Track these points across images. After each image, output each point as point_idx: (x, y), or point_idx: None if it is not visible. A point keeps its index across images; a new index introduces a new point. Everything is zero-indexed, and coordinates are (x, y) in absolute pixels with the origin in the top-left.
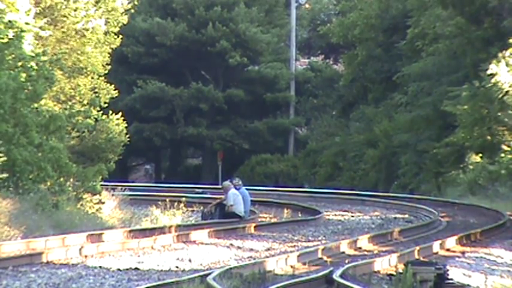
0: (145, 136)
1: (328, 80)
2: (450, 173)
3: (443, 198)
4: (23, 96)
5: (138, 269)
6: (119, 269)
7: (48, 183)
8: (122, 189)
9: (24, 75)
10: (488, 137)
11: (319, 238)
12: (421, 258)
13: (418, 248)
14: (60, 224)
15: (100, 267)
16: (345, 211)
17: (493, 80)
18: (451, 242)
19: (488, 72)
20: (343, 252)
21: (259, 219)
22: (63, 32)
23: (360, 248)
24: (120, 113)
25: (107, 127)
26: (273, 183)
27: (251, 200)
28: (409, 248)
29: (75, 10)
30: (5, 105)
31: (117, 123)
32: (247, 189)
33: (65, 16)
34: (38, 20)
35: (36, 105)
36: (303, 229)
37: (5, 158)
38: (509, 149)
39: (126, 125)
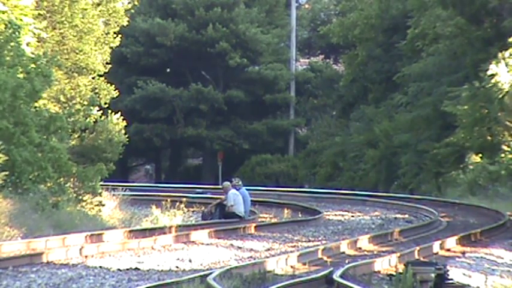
0: (145, 137)
1: (328, 80)
2: (450, 173)
3: (443, 198)
4: (22, 94)
5: (138, 269)
6: (119, 269)
7: (48, 184)
8: (122, 189)
9: (22, 73)
10: (488, 137)
11: (319, 238)
12: (421, 259)
13: (418, 248)
14: (60, 224)
15: (100, 267)
16: (345, 211)
17: (493, 80)
18: (451, 242)
19: (488, 72)
20: (343, 253)
21: (260, 220)
22: (61, 33)
23: (360, 248)
24: (119, 113)
25: (107, 127)
26: (273, 184)
27: (251, 200)
28: (409, 248)
29: (76, 11)
30: (4, 103)
31: (116, 123)
32: (247, 189)
33: (63, 16)
34: (38, 22)
35: (36, 105)
36: (303, 229)
37: (6, 158)
38: (509, 149)
39: (126, 124)
